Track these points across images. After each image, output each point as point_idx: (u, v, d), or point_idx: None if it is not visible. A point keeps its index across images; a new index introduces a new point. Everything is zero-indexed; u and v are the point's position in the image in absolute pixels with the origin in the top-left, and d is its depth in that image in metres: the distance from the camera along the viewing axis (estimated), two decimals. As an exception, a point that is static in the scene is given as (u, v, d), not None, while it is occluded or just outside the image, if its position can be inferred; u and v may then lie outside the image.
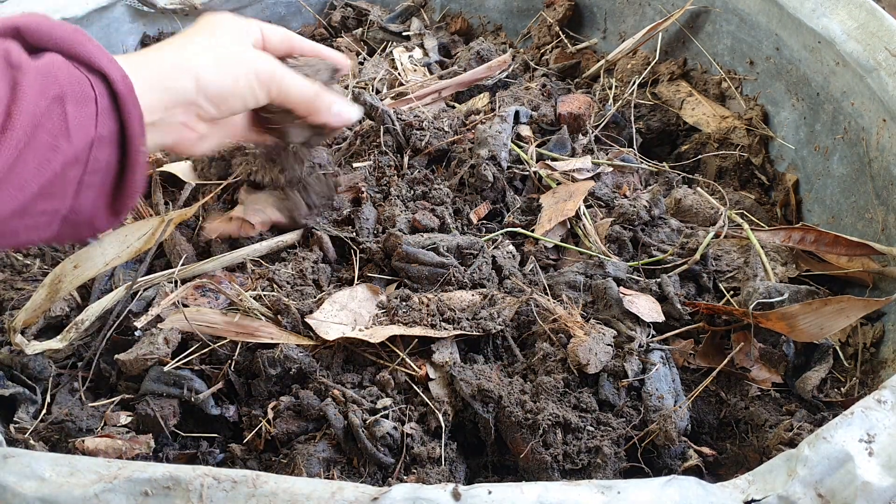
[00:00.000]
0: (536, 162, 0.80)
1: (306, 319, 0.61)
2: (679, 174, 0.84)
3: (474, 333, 0.60)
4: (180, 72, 0.47)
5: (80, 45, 0.41)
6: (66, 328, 0.63)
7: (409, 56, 1.09)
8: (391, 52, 1.10)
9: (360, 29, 1.21)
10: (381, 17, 1.22)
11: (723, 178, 0.85)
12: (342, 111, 0.57)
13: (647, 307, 0.62)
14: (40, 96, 0.38)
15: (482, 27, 1.22)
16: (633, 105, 0.91)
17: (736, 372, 0.60)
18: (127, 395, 0.60)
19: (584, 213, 0.74)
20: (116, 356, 0.60)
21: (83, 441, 0.56)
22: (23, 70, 0.38)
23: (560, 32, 1.08)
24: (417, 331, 0.59)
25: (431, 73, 1.05)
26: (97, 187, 0.42)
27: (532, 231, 0.73)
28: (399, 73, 1.03)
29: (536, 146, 0.82)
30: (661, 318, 0.62)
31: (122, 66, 0.42)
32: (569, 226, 0.74)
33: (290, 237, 0.72)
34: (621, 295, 0.62)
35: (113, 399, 0.60)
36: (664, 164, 0.85)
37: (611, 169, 0.81)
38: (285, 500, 0.39)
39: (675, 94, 0.93)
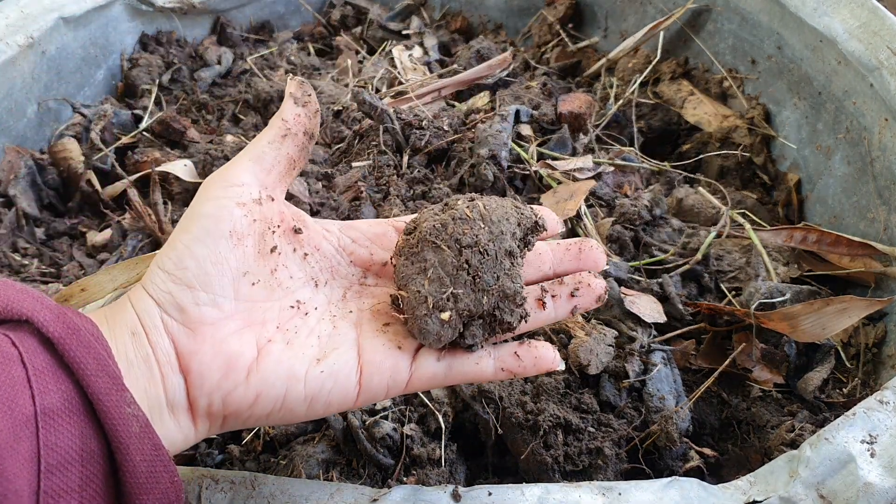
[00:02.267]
0: (537, 161, 0.80)
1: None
2: (680, 174, 0.83)
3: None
4: (130, 292, 0.36)
5: None
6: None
7: (409, 55, 1.09)
8: (391, 50, 1.10)
9: (360, 27, 1.20)
10: (380, 15, 1.21)
11: (724, 178, 0.85)
12: None
13: (648, 307, 0.62)
14: None
15: (482, 26, 1.21)
16: (634, 104, 0.91)
17: (737, 372, 0.60)
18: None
19: (585, 213, 0.74)
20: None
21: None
22: None
23: (561, 31, 1.08)
24: (417, 331, 0.59)
25: (431, 71, 1.04)
26: (76, 493, 0.28)
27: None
28: (398, 72, 1.02)
29: (537, 145, 0.82)
30: (662, 318, 0.62)
31: (61, 306, 0.31)
32: (570, 225, 0.74)
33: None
34: (623, 295, 0.62)
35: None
36: (665, 163, 0.85)
37: (612, 168, 0.81)
38: (284, 502, 0.39)
39: (676, 93, 0.92)
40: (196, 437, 0.36)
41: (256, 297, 0.38)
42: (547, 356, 0.38)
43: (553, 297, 0.41)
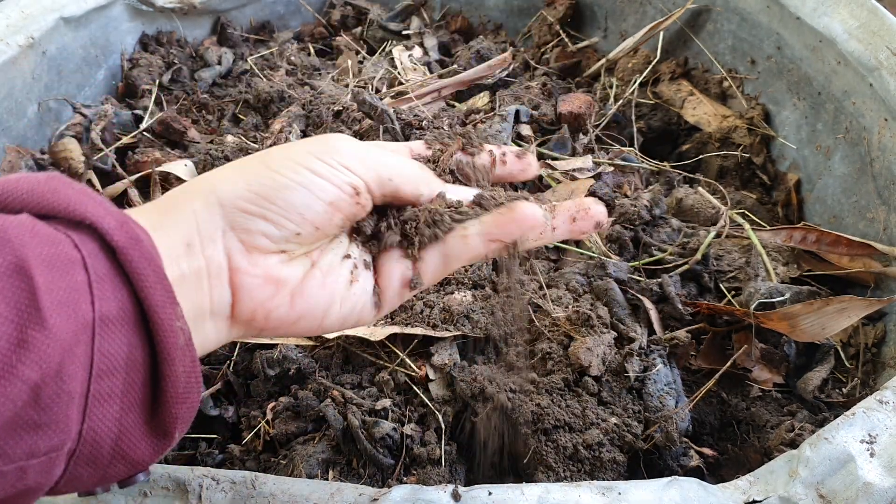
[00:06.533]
0: (537, 161, 0.80)
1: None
2: (680, 174, 0.84)
3: (474, 334, 0.60)
4: (192, 188, 0.35)
5: (53, 192, 0.29)
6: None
7: (409, 55, 1.09)
8: (391, 51, 1.10)
9: (360, 28, 1.20)
10: (380, 15, 1.21)
11: (724, 178, 0.85)
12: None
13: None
14: None
15: (482, 26, 1.21)
16: (633, 104, 0.91)
17: (737, 372, 0.60)
18: (126, 396, 0.60)
19: (584, 213, 0.74)
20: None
21: (82, 442, 0.55)
22: None
23: (561, 31, 1.08)
24: (418, 330, 0.59)
25: (431, 72, 1.04)
26: (118, 398, 0.29)
27: (532, 231, 0.73)
28: (399, 72, 1.02)
29: (537, 145, 0.82)
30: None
31: (120, 211, 0.31)
32: (569, 225, 0.74)
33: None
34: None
35: (112, 399, 0.60)
36: (665, 163, 0.85)
37: (611, 168, 0.81)
38: (284, 502, 0.39)
39: (676, 94, 0.92)
40: (228, 339, 0.37)
41: (313, 242, 0.39)
42: (527, 211, 0.39)
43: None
